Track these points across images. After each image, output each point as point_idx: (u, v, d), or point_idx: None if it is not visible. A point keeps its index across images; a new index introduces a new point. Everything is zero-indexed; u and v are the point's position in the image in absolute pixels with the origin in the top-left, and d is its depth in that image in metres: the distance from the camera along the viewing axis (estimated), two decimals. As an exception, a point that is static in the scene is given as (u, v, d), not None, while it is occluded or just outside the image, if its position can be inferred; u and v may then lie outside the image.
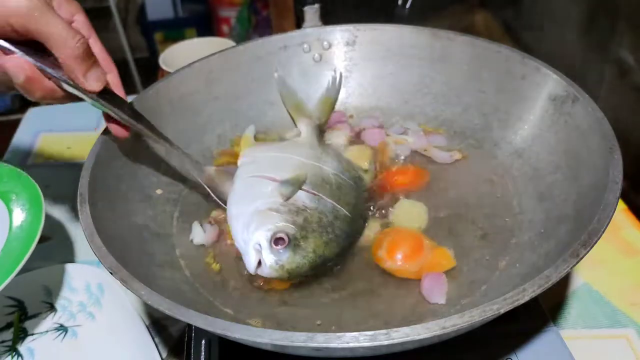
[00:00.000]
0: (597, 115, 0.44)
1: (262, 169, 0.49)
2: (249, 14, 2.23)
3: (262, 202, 0.45)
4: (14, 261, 0.46)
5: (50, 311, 0.54)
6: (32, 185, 0.53)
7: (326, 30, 0.61)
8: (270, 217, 0.44)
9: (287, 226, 0.43)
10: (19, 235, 0.49)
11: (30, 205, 0.51)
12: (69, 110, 0.91)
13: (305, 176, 0.48)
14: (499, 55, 0.54)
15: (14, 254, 0.47)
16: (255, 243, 0.42)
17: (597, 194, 0.39)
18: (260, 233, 0.42)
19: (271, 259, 0.42)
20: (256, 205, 0.45)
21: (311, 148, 0.53)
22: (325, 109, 0.59)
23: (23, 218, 0.51)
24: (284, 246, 0.42)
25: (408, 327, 0.30)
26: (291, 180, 0.47)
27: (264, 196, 0.45)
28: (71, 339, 0.51)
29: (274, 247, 0.42)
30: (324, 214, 0.45)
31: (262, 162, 0.50)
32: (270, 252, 0.42)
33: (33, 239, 0.48)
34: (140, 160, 0.51)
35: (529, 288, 0.32)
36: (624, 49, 0.76)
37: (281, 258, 0.42)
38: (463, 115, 0.57)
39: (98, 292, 0.54)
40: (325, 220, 0.45)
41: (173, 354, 0.50)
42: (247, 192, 0.47)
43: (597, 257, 0.56)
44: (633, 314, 0.51)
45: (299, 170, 0.48)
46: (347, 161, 0.54)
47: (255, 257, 0.42)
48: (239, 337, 0.31)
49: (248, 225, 0.43)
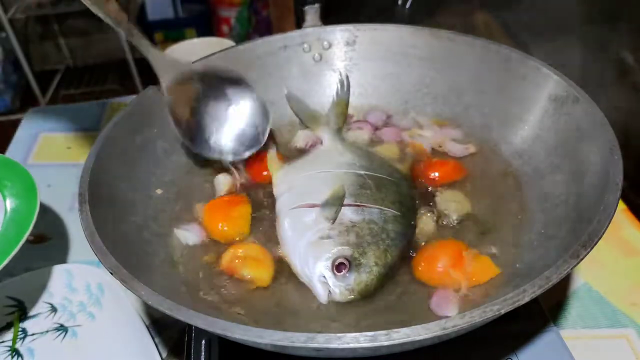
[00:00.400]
0: (597, 116, 0.44)
1: (300, 196, 0.48)
2: (249, 14, 2.24)
3: (311, 233, 0.44)
4: (9, 245, 0.48)
5: (50, 311, 0.54)
6: (25, 173, 0.55)
7: (326, 30, 0.61)
8: (324, 245, 0.43)
9: (343, 249, 0.42)
10: (14, 220, 0.52)
11: (24, 192, 0.54)
12: (69, 110, 0.91)
13: (343, 189, 0.47)
14: (499, 55, 0.54)
15: (9, 238, 0.49)
16: (319, 276, 0.42)
17: (597, 194, 0.39)
18: (320, 265, 0.42)
19: (340, 287, 0.41)
20: (307, 238, 0.44)
21: (339, 154, 0.53)
22: (340, 112, 0.59)
23: (18, 203, 0.53)
24: (346, 270, 0.41)
25: (408, 328, 0.30)
26: (330, 199, 0.46)
27: (311, 226, 0.45)
28: (71, 339, 0.51)
29: (338, 275, 0.41)
30: (373, 222, 0.44)
31: (298, 187, 0.49)
32: (337, 280, 0.41)
33: (29, 223, 0.50)
34: (140, 160, 0.51)
35: (529, 289, 0.32)
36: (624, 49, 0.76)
37: (349, 282, 0.41)
38: (463, 115, 0.57)
39: (98, 292, 0.54)
40: (377, 228, 0.44)
41: (173, 354, 0.51)
42: (294, 226, 0.46)
43: (597, 258, 0.56)
44: (633, 314, 0.51)
45: (334, 185, 0.47)
46: (377, 157, 0.53)
47: (324, 289, 0.42)
48: (239, 337, 0.31)
49: (306, 260, 0.43)
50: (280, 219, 0.47)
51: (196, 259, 0.47)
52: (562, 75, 0.49)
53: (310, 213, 0.46)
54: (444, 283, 0.42)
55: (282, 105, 0.61)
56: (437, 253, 0.44)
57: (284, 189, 0.50)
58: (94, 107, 0.89)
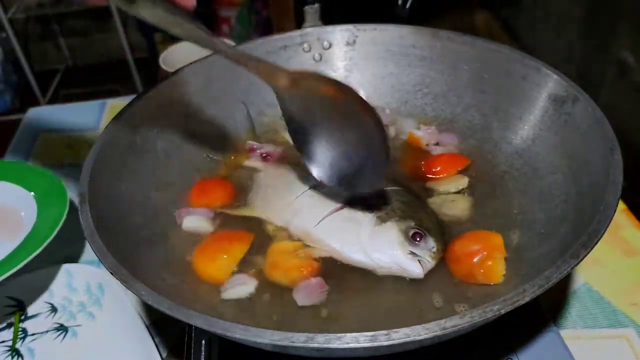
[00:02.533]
0: (598, 116, 0.44)
1: (312, 211, 0.48)
2: (249, 14, 2.23)
3: (362, 227, 0.45)
4: (39, 241, 0.53)
5: (50, 311, 0.54)
6: (57, 182, 0.60)
7: (326, 30, 0.61)
8: (387, 229, 0.44)
9: (407, 222, 0.44)
10: (45, 220, 0.57)
11: (55, 197, 0.58)
12: (69, 110, 0.91)
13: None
14: (499, 55, 0.54)
15: (40, 234, 0.54)
16: (406, 254, 0.43)
17: (597, 194, 0.39)
18: (400, 243, 0.43)
19: (427, 253, 0.43)
20: (363, 233, 0.45)
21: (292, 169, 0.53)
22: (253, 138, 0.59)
23: (49, 208, 0.58)
24: (423, 236, 0.44)
25: (408, 328, 0.30)
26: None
27: (354, 223, 0.46)
28: (71, 339, 0.51)
29: (420, 243, 0.43)
30: (398, 199, 0.47)
31: (301, 208, 0.48)
32: (422, 249, 0.43)
33: (58, 224, 0.54)
34: (140, 160, 0.51)
35: (529, 289, 0.32)
36: (624, 49, 0.77)
37: (431, 245, 0.44)
38: (463, 115, 0.57)
39: (98, 292, 0.54)
40: (405, 201, 0.47)
41: (173, 354, 0.50)
42: (336, 233, 0.46)
43: (597, 257, 0.56)
44: (633, 314, 0.51)
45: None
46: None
47: (416, 263, 0.43)
48: (239, 337, 0.31)
49: (379, 249, 0.44)
50: (314, 235, 0.46)
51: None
52: (562, 75, 0.49)
53: (340, 215, 0.47)
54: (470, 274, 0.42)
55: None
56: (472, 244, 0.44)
57: (289, 216, 0.49)
58: (94, 107, 0.89)
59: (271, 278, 0.44)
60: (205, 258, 0.46)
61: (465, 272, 0.42)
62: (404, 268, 0.43)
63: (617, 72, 0.78)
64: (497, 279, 0.41)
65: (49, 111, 0.93)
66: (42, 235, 0.54)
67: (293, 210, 0.49)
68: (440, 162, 0.53)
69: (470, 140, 0.56)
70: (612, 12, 0.79)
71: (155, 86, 0.54)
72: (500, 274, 0.41)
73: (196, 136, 0.57)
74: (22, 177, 0.63)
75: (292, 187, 0.51)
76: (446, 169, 0.53)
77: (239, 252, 0.46)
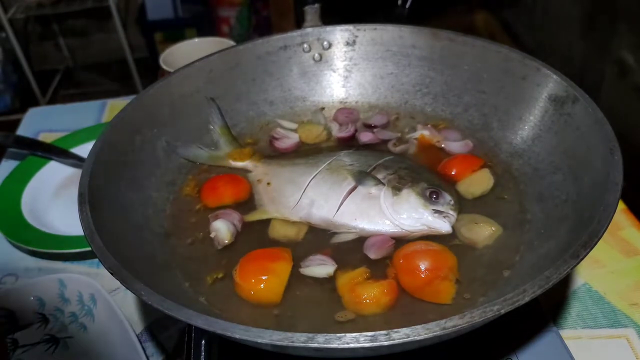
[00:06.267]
0: (597, 116, 0.44)
1: (327, 197, 0.49)
2: (249, 14, 2.24)
3: (381, 200, 0.47)
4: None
5: (41, 322, 0.53)
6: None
7: (326, 30, 0.61)
8: (405, 196, 0.47)
9: (420, 185, 0.47)
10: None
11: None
12: (68, 110, 0.91)
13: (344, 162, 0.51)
14: (499, 55, 0.54)
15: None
16: (431, 213, 0.46)
17: (597, 194, 0.39)
18: (423, 205, 0.46)
19: (449, 207, 0.47)
20: (384, 205, 0.47)
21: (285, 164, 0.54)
22: (229, 139, 0.58)
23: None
24: (440, 193, 0.47)
25: (408, 328, 0.30)
26: (358, 173, 0.49)
27: (372, 199, 0.48)
28: (62, 351, 0.50)
29: (439, 200, 0.47)
30: (399, 166, 0.50)
31: (316, 197, 0.49)
32: (443, 204, 0.47)
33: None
34: (140, 160, 0.51)
35: (529, 289, 0.32)
36: (624, 49, 0.77)
37: (449, 199, 0.47)
38: (463, 115, 0.57)
39: (90, 303, 0.53)
40: (405, 166, 0.50)
41: (173, 354, 0.50)
42: (359, 213, 0.48)
43: (597, 258, 0.56)
44: (633, 314, 0.51)
45: (332, 172, 0.50)
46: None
47: (441, 219, 0.46)
48: (239, 337, 0.31)
49: (408, 217, 0.46)
50: (338, 221, 0.48)
51: (198, 259, 0.47)
52: (561, 75, 0.49)
53: (356, 196, 0.48)
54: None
55: (281, 105, 0.61)
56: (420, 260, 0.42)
57: (306, 210, 0.49)
58: (94, 107, 0.89)
59: (364, 312, 0.41)
60: (254, 281, 0.43)
61: (413, 287, 0.41)
62: (434, 227, 0.46)
63: (617, 72, 0.78)
64: (446, 300, 0.41)
65: (49, 111, 0.93)
66: None
67: (308, 204, 0.49)
68: (455, 164, 0.53)
69: (470, 140, 0.56)
70: (612, 12, 0.79)
71: (155, 86, 0.54)
72: (450, 296, 0.41)
73: (196, 135, 0.57)
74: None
75: (294, 181, 0.51)
76: (462, 171, 0.52)
77: (285, 271, 0.44)
